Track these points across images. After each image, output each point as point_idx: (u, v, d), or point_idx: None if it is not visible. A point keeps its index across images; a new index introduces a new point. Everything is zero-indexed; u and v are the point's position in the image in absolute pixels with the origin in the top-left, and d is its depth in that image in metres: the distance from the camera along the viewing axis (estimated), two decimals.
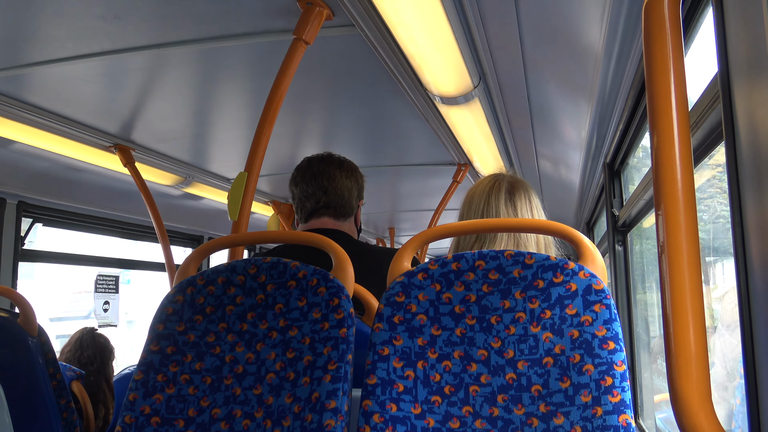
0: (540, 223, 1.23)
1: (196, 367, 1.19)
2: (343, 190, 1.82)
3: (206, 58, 1.91)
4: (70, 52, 1.83)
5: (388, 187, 4.22)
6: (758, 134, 0.75)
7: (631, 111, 2.06)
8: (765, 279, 0.75)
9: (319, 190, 1.81)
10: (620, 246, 2.86)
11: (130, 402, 1.16)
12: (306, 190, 1.82)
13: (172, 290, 1.27)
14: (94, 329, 3.24)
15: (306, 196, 1.83)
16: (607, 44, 1.67)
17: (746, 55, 0.78)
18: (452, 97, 2.21)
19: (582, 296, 1.05)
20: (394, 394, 1.07)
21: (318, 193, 1.81)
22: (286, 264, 1.22)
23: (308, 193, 1.82)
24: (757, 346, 0.78)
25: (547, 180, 4.21)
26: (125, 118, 2.43)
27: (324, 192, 1.81)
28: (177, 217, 3.90)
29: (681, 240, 0.74)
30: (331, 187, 1.81)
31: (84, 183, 3.07)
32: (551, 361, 1.05)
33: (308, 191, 1.82)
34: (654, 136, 0.77)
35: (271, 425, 1.11)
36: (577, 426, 0.99)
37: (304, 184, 1.83)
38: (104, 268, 3.86)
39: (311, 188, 1.81)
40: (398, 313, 1.12)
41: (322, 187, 1.81)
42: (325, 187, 1.81)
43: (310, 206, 1.82)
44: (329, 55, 1.91)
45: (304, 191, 1.83)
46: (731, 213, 0.84)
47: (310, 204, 1.82)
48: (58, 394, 1.46)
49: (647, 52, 0.79)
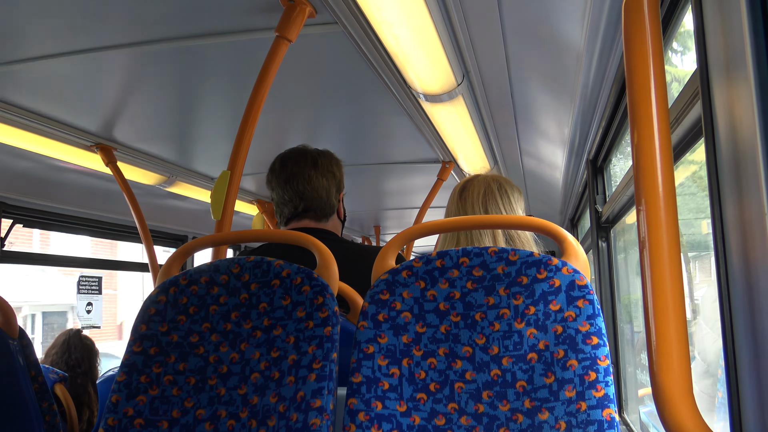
0: (523, 219, 1.24)
1: (180, 368, 1.19)
2: (321, 192, 1.74)
3: (188, 56, 1.90)
4: (50, 50, 1.80)
5: (373, 185, 4.22)
6: (736, 130, 0.75)
7: (613, 108, 2.07)
8: (743, 272, 0.75)
9: (296, 197, 1.73)
10: (603, 242, 2.89)
11: (113, 404, 1.15)
12: (282, 196, 1.74)
13: (155, 290, 1.26)
14: (80, 331, 3.21)
15: (283, 203, 1.75)
16: (588, 42, 1.68)
17: (725, 53, 0.79)
18: (436, 95, 2.21)
19: (565, 292, 1.06)
20: (380, 392, 1.07)
21: (295, 200, 1.73)
22: (269, 263, 1.22)
23: (285, 199, 1.74)
24: (737, 339, 0.79)
25: (532, 177, 4.23)
26: (107, 116, 2.41)
27: (301, 198, 1.73)
28: (160, 217, 3.87)
29: (661, 235, 0.74)
30: (308, 191, 1.73)
31: (65, 183, 3.03)
32: (535, 356, 1.05)
33: (284, 198, 1.74)
34: (635, 133, 0.78)
35: (256, 425, 1.10)
36: (562, 421, 0.99)
37: (279, 189, 1.75)
38: (87, 269, 3.82)
39: (287, 194, 1.73)
40: (383, 311, 1.13)
41: (298, 193, 1.72)
42: (301, 193, 1.73)
43: (288, 212, 1.75)
44: (312, 52, 1.91)
45: (280, 197, 1.75)
46: (711, 208, 0.85)
47: (288, 210, 1.75)
48: (40, 397, 1.44)
49: (627, 50, 0.80)
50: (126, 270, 4.13)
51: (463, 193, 1.59)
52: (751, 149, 0.70)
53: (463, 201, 1.57)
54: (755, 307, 0.72)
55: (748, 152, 0.72)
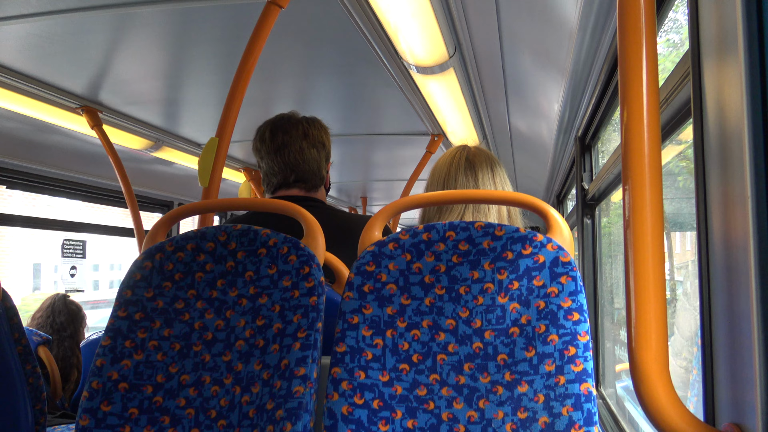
0: (508, 194, 1.24)
1: (165, 334, 1.19)
2: (312, 164, 1.72)
3: (177, 19, 1.86)
4: (33, 9, 1.76)
5: (362, 156, 4.21)
6: (724, 111, 0.76)
7: (603, 86, 2.07)
8: (723, 252, 0.77)
9: (287, 168, 1.70)
10: (588, 219, 2.91)
11: (98, 368, 1.16)
12: (272, 166, 1.72)
13: (140, 256, 1.26)
14: (66, 295, 3.21)
15: (273, 173, 1.72)
16: (582, 18, 1.67)
17: (716, 33, 0.79)
18: (427, 67, 2.19)
19: (549, 268, 1.07)
20: (363, 361, 1.09)
21: (286, 171, 1.71)
22: (256, 231, 1.22)
23: (274, 170, 1.72)
24: (714, 316, 0.81)
25: (520, 152, 4.24)
26: (92, 79, 2.37)
27: (292, 170, 1.71)
28: (146, 182, 3.84)
29: (646, 214, 0.75)
30: (300, 163, 1.70)
31: (50, 145, 2.99)
32: (517, 331, 1.07)
33: (274, 168, 1.71)
34: (624, 112, 0.78)
35: (240, 392, 1.11)
36: (540, 394, 1.01)
37: (268, 159, 1.71)
38: (71, 232, 3.79)
39: (277, 165, 1.70)
40: (368, 282, 1.13)
41: (289, 165, 1.70)
42: (293, 165, 1.70)
43: (277, 182, 1.73)
44: (303, 19, 1.88)
45: (269, 167, 1.72)
46: (696, 188, 0.86)
47: (278, 180, 1.73)
48: (23, 359, 1.44)
49: (620, 28, 0.79)
50: (111, 234, 4.09)
51: (472, 164, 1.52)
52: (738, 132, 0.71)
53: (473, 172, 1.51)
54: (733, 287, 0.74)
55: (734, 134, 0.72)
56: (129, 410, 1.13)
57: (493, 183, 1.52)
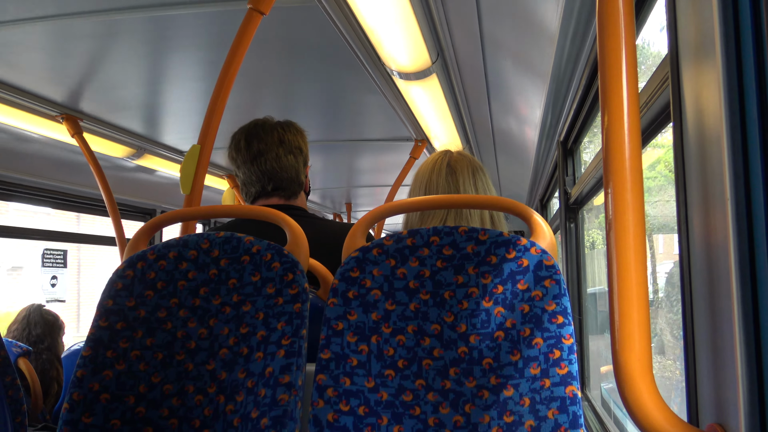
0: (491, 199, 1.25)
1: (147, 343, 1.18)
2: (290, 171, 1.68)
3: (158, 26, 1.85)
4: (11, 16, 1.74)
5: (345, 162, 4.21)
6: (703, 115, 0.77)
7: (585, 91, 2.09)
8: (704, 252, 0.78)
9: (264, 177, 1.67)
10: (572, 223, 2.93)
11: (78, 379, 1.14)
12: (249, 176, 1.68)
13: (122, 265, 1.24)
14: (41, 306, 3.15)
15: (250, 182, 1.69)
16: (563, 24, 1.68)
17: (695, 37, 0.80)
18: (410, 73, 2.20)
19: (533, 272, 1.08)
20: (348, 368, 1.08)
21: (264, 180, 1.67)
22: (239, 239, 1.21)
23: (252, 179, 1.68)
24: (696, 317, 0.82)
25: (503, 157, 4.26)
26: (72, 86, 2.34)
27: (270, 178, 1.67)
28: (129, 190, 3.80)
29: (628, 217, 0.76)
30: (277, 171, 1.67)
31: (30, 154, 2.95)
32: (502, 335, 1.07)
33: (252, 178, 1.68)
34: (605, 116, 0.79)
35: (224, 400, 1.10)
36: (526, 397, 1.02)
37: (245, 168, 1.68)
38: (51, 242, 3.75)
39: (254, 174, 1.67)
40: (352, 288, 1.13)
41: (266, 174, 1.66)
42: (270, 173, 1.66)
43: (255, 191, 1.70)
44: (285, 26, 1.88)
45: (247, 176, 1.69)
46: (676, 190, 0.87)
47: (256, 189, 1.70)
48: (2, 371, 1.41)
49: (600, 34, 0.80)
50: (92, 243, 4.05)
51: (453, 170, 1.52)
52: (716, 134, 0.72)
53: (454, 178, 1.51)
54: (714, 288, 0.74)
55: (713, 137, 0.73)
56: (111, 421, 1.12)
57: (474, 188, 1.50)
